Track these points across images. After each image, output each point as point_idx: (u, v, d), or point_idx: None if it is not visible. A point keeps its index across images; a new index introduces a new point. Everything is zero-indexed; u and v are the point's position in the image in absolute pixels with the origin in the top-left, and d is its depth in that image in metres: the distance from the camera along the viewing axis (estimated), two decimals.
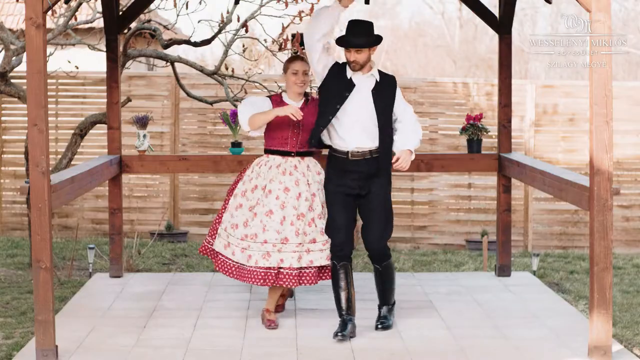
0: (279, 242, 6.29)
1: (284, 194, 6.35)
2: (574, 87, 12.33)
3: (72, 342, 6.05)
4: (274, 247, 6.28)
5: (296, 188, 6.37)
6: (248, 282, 6.35)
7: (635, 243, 12.18)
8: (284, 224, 6.29)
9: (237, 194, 6.51)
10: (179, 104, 12.18)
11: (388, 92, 6.28)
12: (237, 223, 6.43)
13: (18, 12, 16.56)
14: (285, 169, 6.42)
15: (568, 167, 11.33)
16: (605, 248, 5.63)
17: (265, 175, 6.43)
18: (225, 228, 6.50)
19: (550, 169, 6.86)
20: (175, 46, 9.87)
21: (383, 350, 5.93)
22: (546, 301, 7.30)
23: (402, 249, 11.97)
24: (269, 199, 6.34)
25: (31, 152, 5.60)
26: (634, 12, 30.03)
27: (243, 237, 6.36)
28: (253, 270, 6.33)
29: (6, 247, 11.16)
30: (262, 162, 6.53)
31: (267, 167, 6.46)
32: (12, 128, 12.26)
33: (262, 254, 6.29)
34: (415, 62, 35.90)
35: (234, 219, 6.46)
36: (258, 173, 6.48)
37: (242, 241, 6.37)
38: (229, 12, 9.31)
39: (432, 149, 12.10)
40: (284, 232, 6.29)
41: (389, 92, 6.28)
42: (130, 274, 8.41)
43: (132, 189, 12.18)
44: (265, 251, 6.29)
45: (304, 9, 9.09)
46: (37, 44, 5.52)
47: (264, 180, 6.42)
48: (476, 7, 8.04)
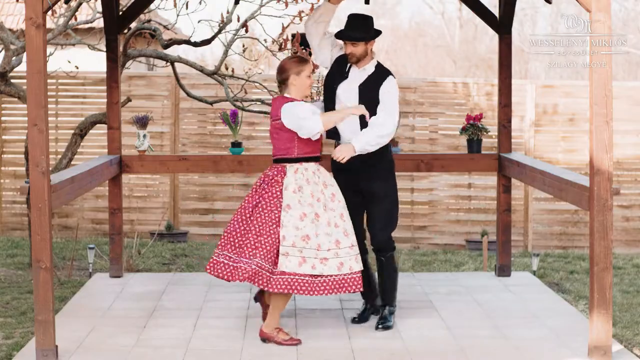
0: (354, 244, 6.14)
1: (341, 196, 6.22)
2: (574, 87, 12.33)
3: (72, 342, 6.05)
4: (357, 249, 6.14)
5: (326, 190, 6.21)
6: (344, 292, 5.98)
7: (635, 243, 12.18)
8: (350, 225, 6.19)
9: (288, 204, 6.00)
10: (179, 104, 12.18)
11: (375, 86, 6.30)
12: (307, 234, 5.97)
13: (18, 12, 16.57)
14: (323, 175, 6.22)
15: (568, 167, 11.33)
16: (605, 248, 5.63)
17: (317, 180, 6.14)
18: (292, 243, 5.94)
19: (550, 169, 6.86)
20: (175, 46, 9.87)
21: (383, 350, 5.93)
22: (546, 301, 7.30)
23: (402, 249, 11.97)
24: (335, 203, 6.14)
25: (31, 152, 5.60)
26: (634, 12, 30.03)
27: (318, 247, 5.96)
28: (349, 277, 6.02)
29: (6, 247, 11.16)
30: (297, 169, 6.13)
31: (310, 172, 6.14)
32: (12, 128, 12.27)
33: (354, 258, 6.06)
34: (415, 62, 35.90)
35: (300, 232, 5.96)
36: (306, 178, 6.09)
37: (320, 252, 5.96)
38: (229, 12, 9.32)
39: (432, 149, 12.10)
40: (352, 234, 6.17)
41: (375, 86, 6.30)
42: (130, 274, 8.41)
43: (132, 189, 12.18)
44: (355, 254, 6.06)
45: (304, 9, 9.09)
46: (37, 44, 5.52)
47: (317, 185, 6.12)
48: (476, 7, 8.04)
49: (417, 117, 12.22)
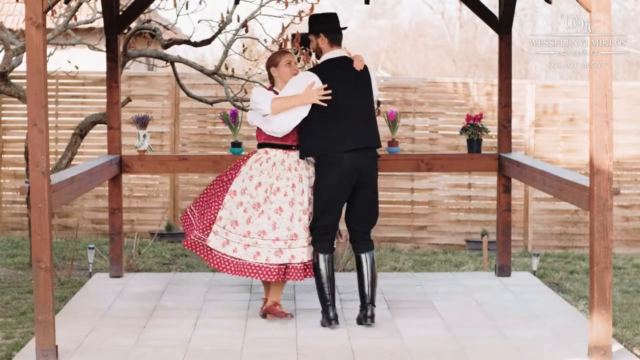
0: (289, 238, 6.41)
1: (291, 190, 6.44)
2: (574, 87, 12.33)
3: (72, 342, 6.05)
4: (285, 243, 6.41)
5: (300, 184, 6.47)
6: (255, 278, 6.43)
7: (635, 243, 12.18)
8: (292, 220, 6.42)
9: (234, 190, 6.51)
10: (179, 104, 12.18)
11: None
12: (236, 220, 6.46)
13: (18, 12, 16.57)
14: (290, 165, 6.50)
15: (568, 167, 11.33)
16: (605, 248, 5.63)
17: (270, 172, 6.47)
18: (223, 226, 6.50)
19: (550, 169, 6.86)
20: (175, 46, 9.87)
21: (383, 350, 5.92)
22: (546, 301, 7.30)
23: (402, 249, 11.97)
24: (278, 197, 6.43)
25: (31, 152, 5.60)
26: (634, 12, 30.03)
27: (245, 234, 6.42)
28: (263, 266, 6.40)
29: (6, 247, 11.16)
30: (261, 158, 6.55)
31: (270, 164, 6.50)
32: (12, 128, 12.27)
33: (274, 251, 6.40)
34: (415, 62, 35.90)
35: (233, 216, 6.48)
36: (260, 170, 6.49)
37: (246, 238, 6.42)
38: (229, 12, 9.31)
39: (432, 149, 12.10)
40: (293, 228, 6.41)
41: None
42: (130, 274, 8.42)
43: (132, 189, 12.18)
44: (278, 248, 6.40)
45: (304, 9, 9.08)
46: (37, 44, 5.52)
47: (270, 177, 6.46)
48: (476, 7, 8.04)
49: (417, 117, 12.22)
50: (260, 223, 6.42)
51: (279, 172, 6.47)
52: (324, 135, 6.39)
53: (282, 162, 6.50)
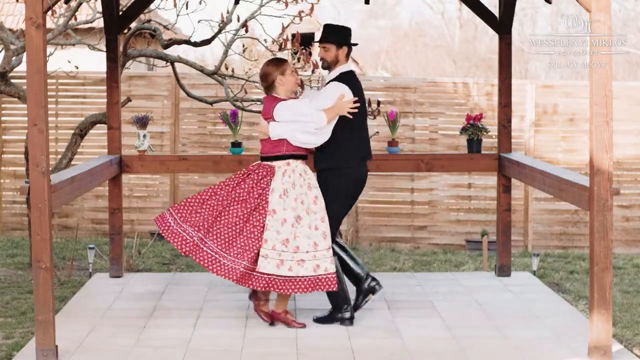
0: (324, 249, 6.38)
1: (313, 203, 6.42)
2: (574, 87, 12.33)
3: (72, 342, 6.05)
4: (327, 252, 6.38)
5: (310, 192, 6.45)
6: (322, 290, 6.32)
7: (635, 243, 12.18)
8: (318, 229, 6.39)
9: (275, 210, 6.30)
10: (179, 104, 12.18)
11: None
12: (287, 238, 6.28)
13: (18, 12, 16.57)
14: (309, 176, 6.45)
15: (568, 167, 11.33)
16: (605, 248, 5.63)
17: (302, 183, 6.38)
18: (272, 247, 6.26)
19: (550, 169, 6.86)
20: (175, 46, 9.87)
21: (383, 350, 5.93)
22: (546, 301, 7.30)
23: (402, 249, 11.98)
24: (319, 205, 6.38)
25: (31, 152, 5.60)
26: (634, 12, 30.04)
27: (295, 250, 6.28)
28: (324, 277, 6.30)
29: (6, 247, 11.17)
30: (286, 170, 6.40)
31: (297, 174, 6.40)
32: (12, 128, 12.27)
33: (329, 259, 6.33)
34: (415, 62, 35.92)
35: (281, 235, 6.28)
36: (292, 182, 6.36)
37: (296, 254, 6.27)
38: (229, 12, 9.31)
39: (432, 149, 12.10)
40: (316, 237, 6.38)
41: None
42: (130, 274, 8.42)
43: (132, 189, 12.18)
44: (331, 256, 6.34)
45: (304, 9, 9.08)
46: (37, 44, 5.52)
47: (302, 187, 6.37)
48: (476, 7, 8.05)
49: (417, 117, 12.22)
50: (310, 235, 6.30)
51: (309, 181, 6.41)
52: (350, 146, 6.48)
53: (305, 172, 6.43)
